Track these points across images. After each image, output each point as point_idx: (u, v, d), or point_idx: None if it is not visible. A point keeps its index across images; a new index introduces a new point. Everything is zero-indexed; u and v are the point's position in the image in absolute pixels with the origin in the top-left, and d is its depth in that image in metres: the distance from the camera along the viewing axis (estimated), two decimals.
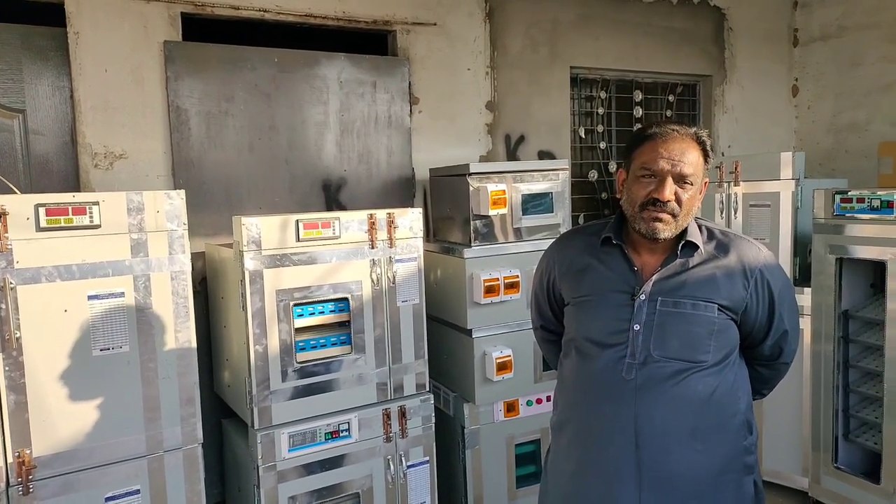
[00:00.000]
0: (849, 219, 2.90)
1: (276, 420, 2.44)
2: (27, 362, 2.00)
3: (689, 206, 1.51)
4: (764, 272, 1.55)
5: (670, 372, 1.49)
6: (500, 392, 2.91)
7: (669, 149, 1.49)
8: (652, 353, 1.50)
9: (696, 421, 1.49)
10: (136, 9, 2.85)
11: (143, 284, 2.17)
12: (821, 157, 4.60)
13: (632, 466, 1.49)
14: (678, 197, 1.49)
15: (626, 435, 1.50)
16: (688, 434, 1.49)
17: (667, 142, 1.50)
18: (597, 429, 1.55)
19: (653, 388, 1.49)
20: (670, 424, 1.48)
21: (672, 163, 1.49)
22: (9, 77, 2.73)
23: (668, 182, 1.48)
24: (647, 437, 1.48)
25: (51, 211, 2.01)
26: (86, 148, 2.81)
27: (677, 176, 1.49)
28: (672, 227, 1.51)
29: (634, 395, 1.49)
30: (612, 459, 1.51)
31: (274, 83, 3.13)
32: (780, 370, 1.70)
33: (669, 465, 1.48)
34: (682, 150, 1.49)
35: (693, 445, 1.49)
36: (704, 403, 1.50)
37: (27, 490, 2.00)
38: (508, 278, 2.84)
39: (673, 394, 1.48)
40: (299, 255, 2.45)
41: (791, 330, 1.63)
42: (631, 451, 1.49)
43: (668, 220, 1.50)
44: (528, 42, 3.79)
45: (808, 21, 4.67)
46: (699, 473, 1.50)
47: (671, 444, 1.48)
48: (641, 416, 1.49)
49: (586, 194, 4.21)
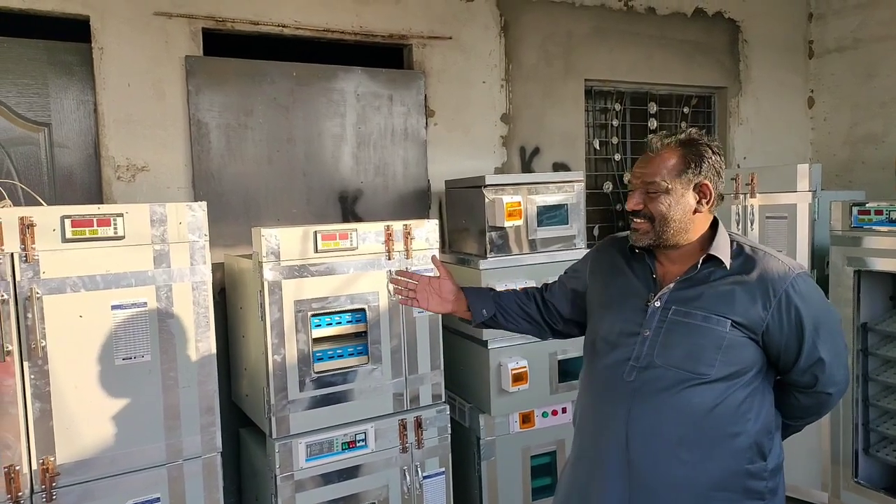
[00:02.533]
0: (867, 231, 2.88)
1: (293, 430, 2.46)
2: (52, 371, 2.04)
3: (663, 213, 1.52)
4: (791, 294, 1.48)
5: (669, 381, 1.50)
6: (515, 403, 2.91)
7: (640, 161, 1.58)
8: (654, 359, 1.52)
9: (686, 432, 1.48)
10: (158, 24, 2.92)
11: (165, 294, 2.20)
12: (837, 168, 4.58)
13: (621, 463, 1.53)
14: (647, 206, 1.54)
15: (617, 433, 1.53)
16: (674, 443, 1.49)
17: (643, 154, 1.59)
18: (594, 422, 1.62)
19: (648, 392, 1.51)
20: (658, 431, 1.50)
21: (637, 174, 1.57)
22: (35, 91, 2.79)
23: (635, 193, 1.56)
24: (635, 439, 1.51)
25: (76, 222, 2.06)
26: (109, 160, 2.86)
27: (641, 186, 1.56)
28: (650, 235, 1.55)
29: (631, 397, 1.53)
30: (603, 453, 1.57)
31: (292, 96, 3.18)
32: (822, 400, 1.58)
33: (654, 469, 1.50)
34: (646, 161, 1.57)
35: (679, 455, 1.48)
36: (700, 416, 1.48)
37: (50, 497, 2.03)
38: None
39: (666, 401, 1.49)
40: (317, 265, 2.47)
41: (830, 358, 1.51)
42: (621, 449, 1.53)
43: (644, 228, 1.56)
44: (542, 55, 3.81)
45: (823, 33, 4.66)
46: (683, 484, 1.49)
47: (656, 451, 1.50)
48: (633, 419, 1.52)
49: (601, 206, 4.21)
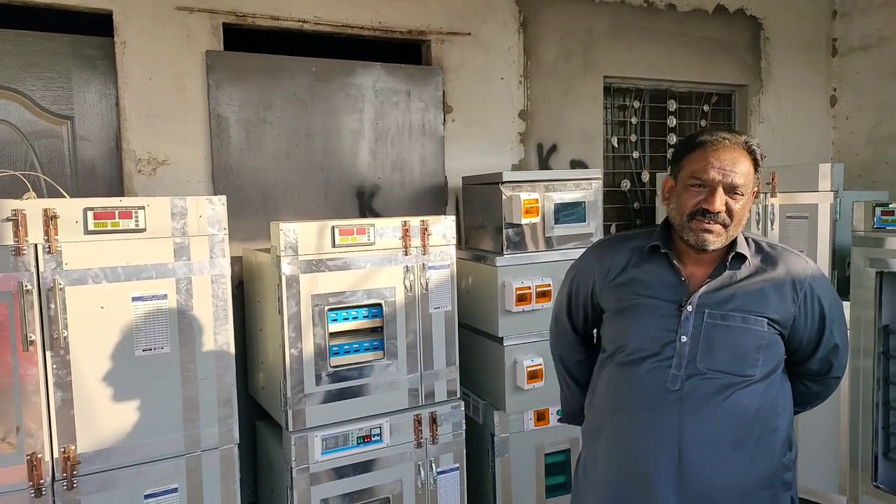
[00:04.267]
0: (890, 232, 2.84)
1: (309, 423, 2.47)
2: (73, 361, 2.07)
3: (739, 216, 1.49)
4: (814, 286, 1.54)
5: (717, 386, 1.48)
6: (530, 401, 2.91)
7: (720, 158, 1.47)
8: (698, 366, 1.49)
9: (738, 435, 1.48)
10: (180, 19, 2.94)
11: (185, 287, 2.22)
12: (860, 168, 4.51)
13: (672, 476, 1.48)
14: (729, 207, 1.48)
15: (667, 445, 1.49)
16: (729, 447, 1.48)
17: (717, 151, 1.48)
18: (637, 436, 1.54)
19: (698, 400, 1.48)
20: (713, 437, 1.47)
21: (723, 173, 1.47)
22: (59, 85, 2.83)
23: (719, 192, 1.47)
24: (689, 449, 1.47)
25: (98, 214, 2.08)
26: (130, 154, 2.89)
27: (728, 186, 1.47)
28: (722, 238, 1.50)
29: (679, 406, 1.49)
30: (652, 467, 1.50)
31: (311, 92, 3.19)
32: (831, 385, 1.67)
33: (710, 477, 1.47)
34: (733, 160, 1.47)
35: (733, 459, 1.48)
36: (750, 418, 1.48)
37: (71, 485, 2.06)
38: (540, 287, 2.84)
39: (719, 407, 1.47)
40: (335, 260, 2.48)
41: (842, 344, 1.61)
42: (673, 461, 1.48)
43: (719, 231, 1.48)
44: (561, 51, 3.79)
45: (847, 31, 4.59)
46: (737, 487, 1.48)
47: (712, 457, 1.47)
48: (686, 429, 1.48)
49: (619, 204, 4.19)
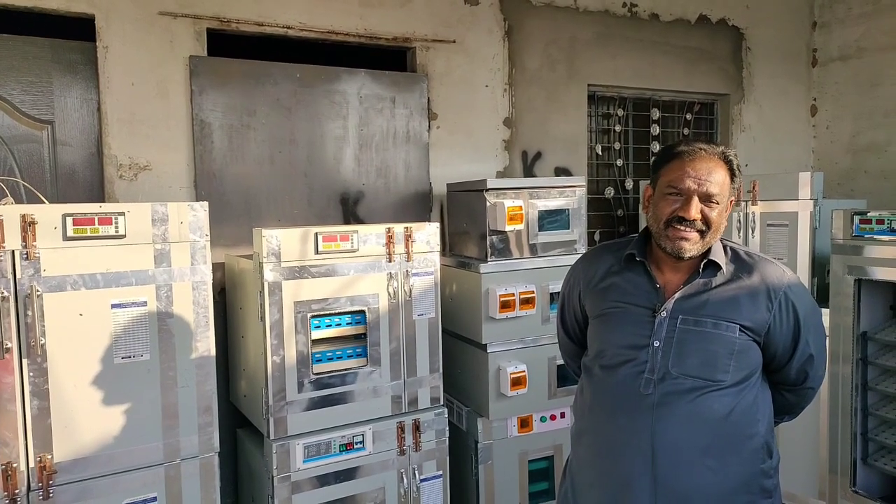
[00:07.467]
0: (868, 240, 2.88)
1: (291, 431, 2.46)
2: (51, 369, 2.04)
3: (716, 224, 1.53)
4: (789, 294, 1.56)
5: (687, 389, 1.50)
6: (514, 407, 2.91)
7: (696, 168, 1.51)
8: (670, 370, 1.51)
9: (710, 439, 1.49)
10: (163, 24, 2.92)
11: (165, 294, 2.20)
12: (839, 177, 4.57)
13: (647, 480, 1.50)
14: (705, 216, 1.51)
15: (642, 449, 1.51)
16: (700, 451, 1.49)
17: (694, 161, 1.52)
18: (613, 440, 1.56)
19: (669, 404, 1.50)
20: (684, 441, 1.49)
21: (698, 182, 1.50)
22: (39, 89, 2.80)
23: (694, 201, 1.50)
24: (662, 453, 1.49)
25: (78, 220, 2.06)
26: (111, 159, 2.87)
27: (703, 195, 1.51)
28: (698, 246, 1.53)
29: (652, 410, 1.51)
30: (627, 471, 1.53)
31: (295, 98, 3.18)
32: (807, 395, 1.67)
33: (683, 481, 1.49)
34: (708, 170, 1.51)
35: (705, 463, 1.49)
36: (720, 422, 1.50)
37: (47, 495, 2.03)
38: (524, 294, 2.85)
39: (689, 411, 1.49)
40: (318, 267, 2.48)
41: (817, 354, 1.61)
42: (647, 464, 1.50)
43: (695, 238, 1.52)
44: (546, 59, 3.82)
45: (827, 41, 4.66)
46: (711, 492, 1.50)
47: (684, 461, 1.49)
48: (658, 432, 1.49)
49: (602, 211, 4.21)
